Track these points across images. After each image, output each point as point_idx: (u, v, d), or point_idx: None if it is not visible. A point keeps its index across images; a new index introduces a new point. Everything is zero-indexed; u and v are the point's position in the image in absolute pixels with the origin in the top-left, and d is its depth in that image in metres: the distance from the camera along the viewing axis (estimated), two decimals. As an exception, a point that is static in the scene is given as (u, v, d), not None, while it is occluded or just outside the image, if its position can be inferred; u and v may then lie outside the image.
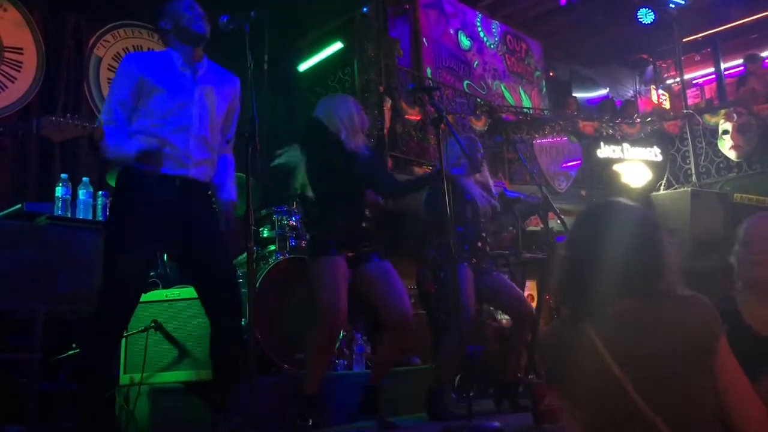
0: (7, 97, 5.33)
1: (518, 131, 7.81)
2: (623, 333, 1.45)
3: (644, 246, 1.52)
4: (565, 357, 1.53)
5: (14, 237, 3.22)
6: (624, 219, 1.56)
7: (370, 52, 6.64)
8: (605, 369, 1.43)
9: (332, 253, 3.22)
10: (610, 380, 1.42)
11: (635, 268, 1.49)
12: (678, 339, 1.42)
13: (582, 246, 1.57)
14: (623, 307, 1.47)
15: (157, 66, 2.85)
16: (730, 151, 8.01)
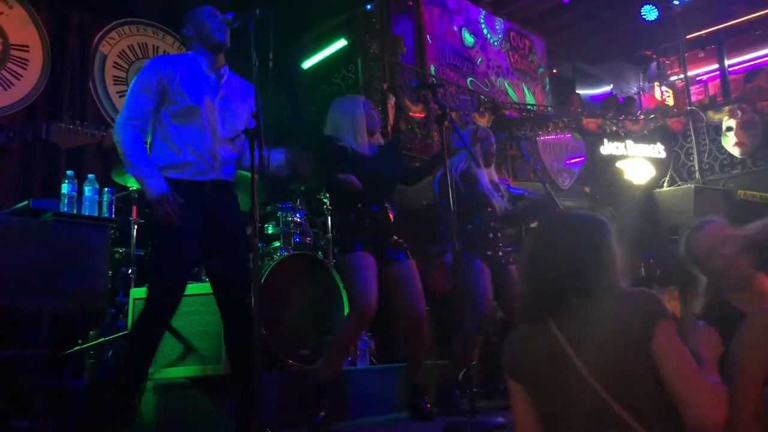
0: (14, 95, 5.35)
1: (522, 128, 7.81)
2: (579, 327, 1.60)
3: (591, 249, 1.67)
4: (530, 351, 1.68)
5: (20, 233, 3.23)
6: (572, 228, 1.75)
7: (374, 49, 6.65)
8: (567, 360, 1.57)
9: (358, 249, 3.32)
10: (572, 371, 1.56)
11: (584, 268, 1.65)
12: (620, 329, 1.54)
13: (539, 255, 1.76)
14: (578, 304, 1.62)
15: (183, 69, 2.88)
16: (734, 148, 8.00)
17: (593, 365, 1.55)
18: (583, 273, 1.65)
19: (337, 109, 3.62)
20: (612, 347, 1.54)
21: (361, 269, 3.31)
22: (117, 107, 5.88)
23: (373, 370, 4.19)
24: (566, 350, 1.59)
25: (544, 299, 1.69)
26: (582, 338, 1.59)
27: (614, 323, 1.56)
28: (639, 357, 1.52)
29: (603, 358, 1.54)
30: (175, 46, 6.40)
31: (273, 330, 3.73)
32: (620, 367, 1.53)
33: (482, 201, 3.98)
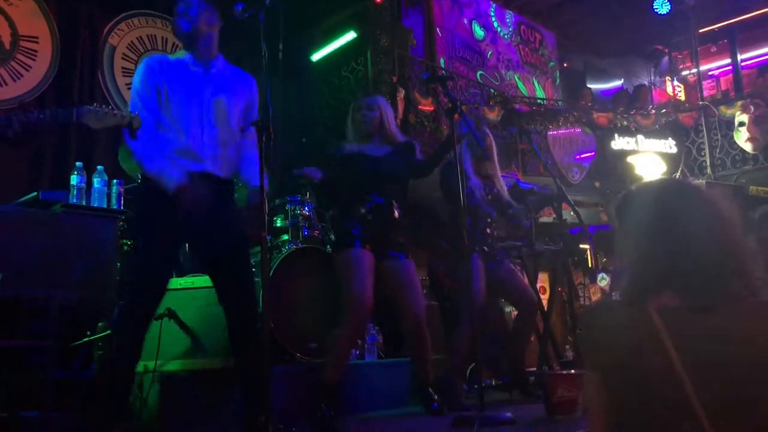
0: (23, 86, 5.36)
1: (532, 122, 7.78)
2: (695, 336, 1.29)
3: (722, 244, 1.34)
4: (621, 344, 1.35)
5: (30, 224, 3.24)
6: (700, 209, 1.39)
7: (384, 41, 6.62)
8: (670, 368, 1.27)
9: (356, 245, 3.31)
10: (673, 382, 1.27)
11: (711, 268, 1.32)
12: (752, 351, 1.25)
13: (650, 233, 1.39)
14: (694, 304, 1.31)
15: (169, 66, 2.89)
16: (746, 143, 7.94)
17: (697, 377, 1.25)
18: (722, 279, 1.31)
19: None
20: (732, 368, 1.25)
21: (358, 268, 3.28)
22: (126, 99, 5.89)
23: (381, 364, 4.18)
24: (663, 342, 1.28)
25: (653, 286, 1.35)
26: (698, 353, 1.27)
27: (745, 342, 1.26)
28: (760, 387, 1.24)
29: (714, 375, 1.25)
30: (185, 38, 6.39)
31: (281, 323, 3.72)
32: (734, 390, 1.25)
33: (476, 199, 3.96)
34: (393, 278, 3.43)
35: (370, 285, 3.28)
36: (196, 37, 2.93)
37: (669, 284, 1.33)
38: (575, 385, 3.17)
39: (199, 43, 2.94)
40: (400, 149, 3.61)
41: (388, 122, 3.64)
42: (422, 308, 3.48)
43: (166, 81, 2.84)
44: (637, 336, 1.32)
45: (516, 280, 4.08)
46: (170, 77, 2.86)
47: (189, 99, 2.84)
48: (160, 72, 2.86)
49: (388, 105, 3.82)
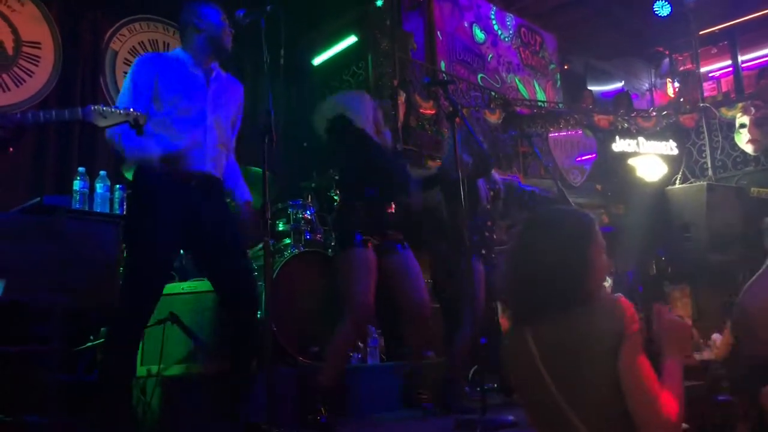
0: (25, 91, 5.38)
1: (533, 125, 7.78)
2: (551, 337, 1.60)
3: (574, 257, 1.63)
4: (511, 360, 1.70)
5: (33, 230, 3.25)
6: (558, 227, 1.69)
7: (384, 45, 6.63)
8: (536, 370, 1.58)
9: (359, 243, 3.24)
10: (539, 380, 1.58)
11: (566, 279, 1.61)
12: (588, 341, 1.54)
13: (519, 260, 1.71)
14: (554, 314, 1.60)
15: (169, 66, 2.89)
16: (747, 145, 7.93)
17: (557, 375, 1.55)
18: (564, 284, 1.61)
19: (347, 102, 3.59)
20: (579, 359, 1.54)
21: (360, 268, 3.23)
22: (128, 104, 5.90)
23: (383, 367, 4.19)
24: (535, 358, 1.59)
25: (523, 307, 1.68)
26: (550, 348, 1.58)
27: (584, 336, 1.55)
28: (602, 371, 1.52)
29: (568, 369, 1.55)
30: (186, 43, 6.41)
31: (283, 326, 3.73)
32: (582, 378, 1.53)
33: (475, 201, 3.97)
34: (393, 268, 3.38)
35: (372, 288, 3.24)
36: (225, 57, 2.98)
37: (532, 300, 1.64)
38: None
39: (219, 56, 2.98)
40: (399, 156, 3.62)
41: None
42: (426, 295, 3.44)
43: (164, 77, 2.85)
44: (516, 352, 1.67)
45: None
46: (169, 73, 2.86)
47: (190, 100, 2.85)
48: (156, 67, 2.87)
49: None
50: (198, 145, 2.83)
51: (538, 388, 1.59)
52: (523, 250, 1.71)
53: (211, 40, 2.94)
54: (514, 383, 1.74)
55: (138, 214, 2.84)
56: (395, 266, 3.38)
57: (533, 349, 1.61)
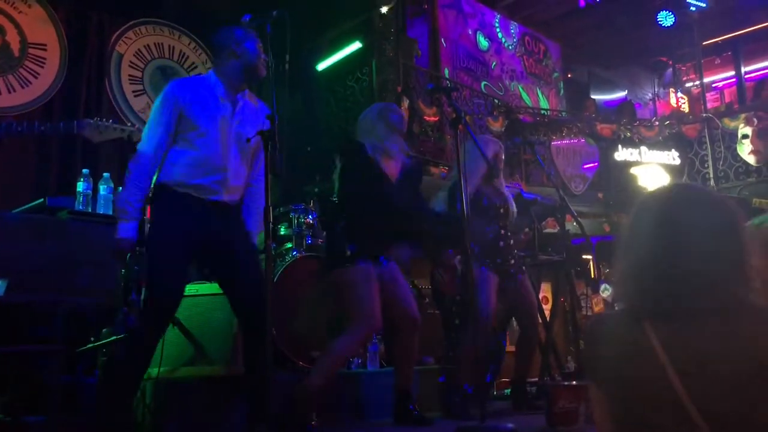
0: (31, 93, 5.41)
1: (535, 133, 7.80)
2: (688, 340, 1.28)
3: (725, 247, 1.31)
4: (618, 355, 1.36)
5: (36, 231, 3.26)
6: (703, 211, 1.35)
7: (389, 52, 6.66)
8: (661, 374, 1.27)
9: (364, 262, 3.22)
10: (665, 387, 1.27)
11: (712, 271, 1.30)
12: (752, 358, 1.23)
13: (651, 237, 1.36)
14: (692, 312, 1.29)
15: (200, 95, 2.88)
16: (750, 156, 7.94)
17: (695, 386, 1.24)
18: (718, 279, 1.29)
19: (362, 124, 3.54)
20: (731, 376, 1.23)
21: (367, 283, 3.20)
22: (132, 106, 5.93)
23: (383, 373, 4.18)
24: (660, 361, 1.27)
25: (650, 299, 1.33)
26: (687, 354, 1.27)
27: (745, 349, 1.24)
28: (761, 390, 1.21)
29: (713, 383, 1.24)
30: (191, 47, 6.44)
31: (284, 331, 3.74)
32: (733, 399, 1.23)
33: (492, 211, 3.98)
34: (383, 284, 3.34)
35: (378, 303, 3.21)
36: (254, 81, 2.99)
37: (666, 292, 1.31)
38: (577, 396, 3.18)
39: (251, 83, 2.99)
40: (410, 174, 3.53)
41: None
42: (416, 307, 3.45)
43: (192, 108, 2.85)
44: (630, 348, 1.33)
45: (523, 294, 4.08)
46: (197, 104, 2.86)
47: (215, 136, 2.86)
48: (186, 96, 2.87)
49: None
50: (218, 179, 2.86)
51: (660, 395, 1.27)
52: (664, 230, 1.34)
53: (246, 68, 2.93)
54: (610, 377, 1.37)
55: (155, 234, 2.87)
56: (383, 279, 3.34)
57: (659, 350, 1.28)
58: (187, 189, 2.82)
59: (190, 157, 2.83)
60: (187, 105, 2.83)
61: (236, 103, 2.96)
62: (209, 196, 2.85)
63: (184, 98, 2.85)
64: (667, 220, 1.35)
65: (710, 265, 1.29)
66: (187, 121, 2.83)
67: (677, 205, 1.38)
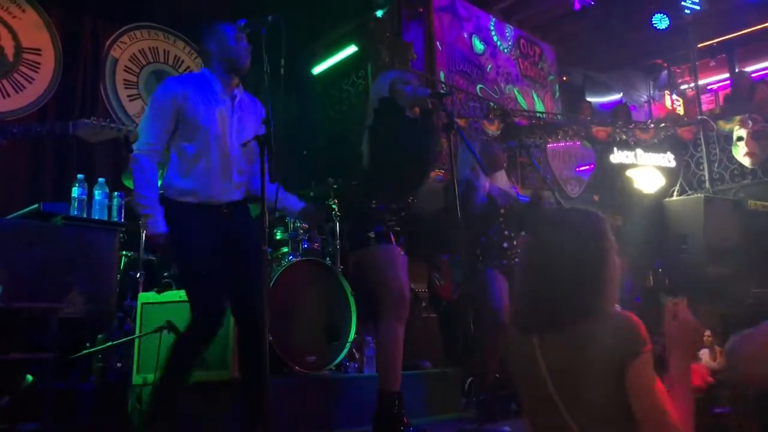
0: (25, 98, 5.39)
1: (531, 136, 7.80)
2: (558, 347, 1.55)
3: (587, 265, 1.57)
4: (515, 367, 1.67)
5: (31, 236, 3.26)
6: (577, 230, 1.62)
7: (384, 55, 6.66)
8: (540, 380, 1.56)
9: (381, 238, 3.13)
10: (543, 390, 1.55)
11: (575, 281, 1.56)
12: (596, 356, 1.50)
13: (532, 268, 1.65)
14: (563, 323, 1.55)
15: (198, 93, 2.88)
16: (745, 158, 7.96)
17: (561, 387, 1.53)
18: (576, 289, 1.55)
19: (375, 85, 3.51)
20: (585, 373, 1.51)
21: (392, 262, 3.12)
22: (127, 111, 5.92)
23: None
24: (540, 368, 1.56)
25: (530, 314, 1.62)
26: (557, 359, 1.55)
27: (593, 348, 1.51)
28: (610, 387, 1.48)
29: (573, 382, 1.52)
30: (186, 51, 6.44)
31: (280, 336, 3.73)
32: (588, 393, 1.50)
33: (493, 212, 3.98)
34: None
35: (407, 279, 3.15)
36: (244, 74, 2.97)
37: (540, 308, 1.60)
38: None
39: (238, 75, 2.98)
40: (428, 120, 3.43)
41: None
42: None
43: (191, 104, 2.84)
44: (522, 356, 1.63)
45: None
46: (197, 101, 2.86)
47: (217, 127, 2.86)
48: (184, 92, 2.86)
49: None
50: (224, 177, 2.86)
51: (541, 398, 1.56)
52: (531, 254, 1.67)
53: (228, 62, 2.93)
54: (518, 390, 1.71)
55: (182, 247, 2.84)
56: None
57: (539, 358, 1.57)
58: (192, 197, 2.82)
59: (193, 157, 2.83)
60: (186, 101, 2.83)
61: (234, 98, 2.96)
62: (220, 199, 2.85)
63: (183, 93, 2.84)
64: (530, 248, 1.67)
65: (567, 282, 1.56)
66: (186, 117, 2.82)
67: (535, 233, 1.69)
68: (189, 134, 2.84)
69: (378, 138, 3.28)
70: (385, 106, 3.32)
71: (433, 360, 4.68)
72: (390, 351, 3.07)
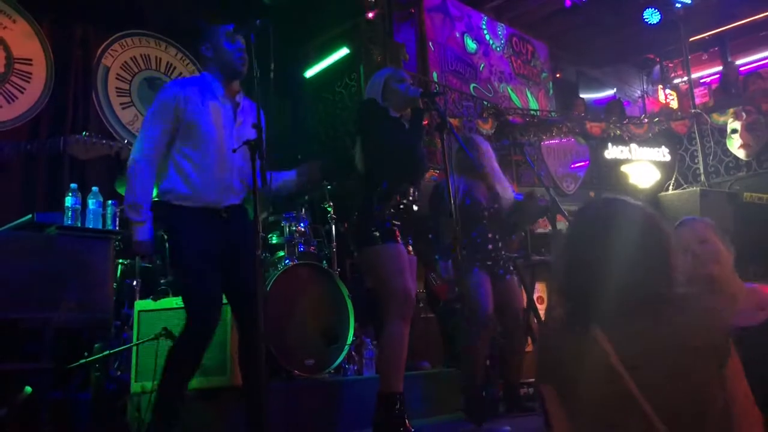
0: (18, 108, 5.38)
1: (525, 133, 7.80)
2: (632, 337, 1.39)
3: (651, 249, 1.45)
4: (570, 359, 1.46)
5: (25, 247, 3.24)
6: (629, 218, 1.50)
7: (377, 57, 6.66)
8: (613, 373, 1.37)
9: (392, 241, 3.13)
10: (618, 385, 1.37)
11: (642, 273, 1.42)
12: (690, 345, 1.35)
13: (586, 246, 1.50)
14: (632, 312, 1.41)
15: (200, 97, 2.86)
16: (739, 150, 7.96)
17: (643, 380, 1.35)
18: (648, 276, 1.42)
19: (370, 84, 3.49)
20: (674, 364, 1.35)
21: (400, 262, 3.11)
22: (120, 119, 5.91)
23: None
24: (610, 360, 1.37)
25: (591, 302, 1.44)
26: (635, 351, 1.37)
27: (683, 338, 1.36)
28: (706, 377, 1.35)
29: (659, 374, 1.35)
30: (178, 57, 6.43)
31: (278, 340, 3.72)
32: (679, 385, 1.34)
33: (477, 213, 3.98)
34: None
35: (411, 279, 3.15)
36: (240, 77, 2.95)
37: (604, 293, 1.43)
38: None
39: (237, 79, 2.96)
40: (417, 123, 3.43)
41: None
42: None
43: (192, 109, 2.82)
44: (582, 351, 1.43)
45: (510, 295, 4.08)
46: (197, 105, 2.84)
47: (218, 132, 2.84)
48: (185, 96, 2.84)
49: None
50: (223, 183, 2.85)
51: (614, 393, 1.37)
52: (592, 237, 1.49)
53: (224, 67, 2.91)
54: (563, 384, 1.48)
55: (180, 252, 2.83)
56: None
57: (608, 350, 1.38)
58: (191, 202, 2.81)
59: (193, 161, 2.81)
60: (187, 104, 2.81)
61: (237, 105, 2.95)
62: (219, 204, 2.84)
63: (185, 97, 2.83)
64: (597, 232, 1.50)
65: (636, 266, 1.42)
66: (187, 120, 2.80)
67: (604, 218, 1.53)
68: (189, 138, 2.82)
69: (365, 139, 3.29)
70: (368, 107, 3.33)
71: (432, 360, 4.68)
72: (394, 351, 3.05)
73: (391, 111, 3.31)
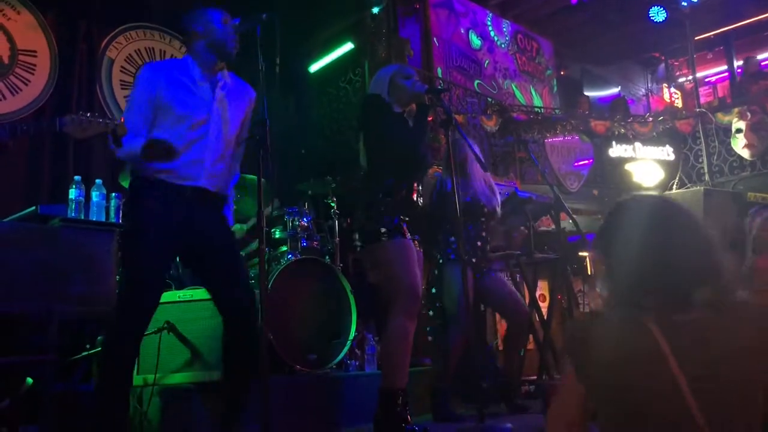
0: (21, 100, 5.37)
1: (529, 131, 7.78)
2: (689, 340, 1.32)
3: (709, 245, 1.42)
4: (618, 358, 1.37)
5: (28, 239, 3.24)
6: (682, 220, 1.46)
7: (381, 52, 6.64)
8: (665, 372, 1.30)
9: (400, 237, 3.10)
10: (668, 385, 1.30)
11: (703, 266, 1.38)
12: (748, 353, 1.30)
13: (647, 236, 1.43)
14: (689, 314, 1.35)
15: (175, 79, 2.81)
16: (744, 150, 7.95)
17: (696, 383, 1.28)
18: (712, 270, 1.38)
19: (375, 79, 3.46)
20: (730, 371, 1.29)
21: (404, 257, 3.08)
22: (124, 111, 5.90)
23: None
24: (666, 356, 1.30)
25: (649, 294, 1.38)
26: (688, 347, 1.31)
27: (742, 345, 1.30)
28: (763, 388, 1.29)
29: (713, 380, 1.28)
30: (183, 51, 6.40)
31: (280, 335, 3.72)
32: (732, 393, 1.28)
33: (473, 209, 3.97)
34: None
35: (420, 276, 3.14)
36: (231, 59, 2.90)
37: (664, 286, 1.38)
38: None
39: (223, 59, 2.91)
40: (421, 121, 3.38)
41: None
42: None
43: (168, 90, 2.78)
44: (634, 350, 1.34)
45: (503, 291, 4.08)
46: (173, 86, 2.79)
47: (192, 117, 2.78)
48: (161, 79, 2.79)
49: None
50: (196, 162, 2.76)
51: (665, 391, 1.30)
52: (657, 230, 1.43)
53: (214, 45, 2.85)
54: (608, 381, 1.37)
55: (132, 227, 2.78)
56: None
57: (663, 344, 1.31)
58: (162, 174, 2.71)
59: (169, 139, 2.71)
60: (162, 89, 2.76)
61: (216, 83, 2.88)
62: (187, 181, 2.74)
63: (158, 82, 2.77)
64: (660, 221, 1.44)
65: (701, 260, 1.38)
66: (163, 104, 2.75)
67: (667, 208, 1.48)
68: (165, 121, 2.75)
69: (368, 134, 3.28)
70: (372, 102, 3.32)
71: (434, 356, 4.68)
72: (396, 347, 3.04)
73: (396, 107, 3.29)
